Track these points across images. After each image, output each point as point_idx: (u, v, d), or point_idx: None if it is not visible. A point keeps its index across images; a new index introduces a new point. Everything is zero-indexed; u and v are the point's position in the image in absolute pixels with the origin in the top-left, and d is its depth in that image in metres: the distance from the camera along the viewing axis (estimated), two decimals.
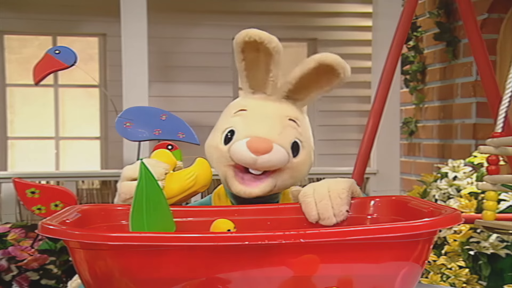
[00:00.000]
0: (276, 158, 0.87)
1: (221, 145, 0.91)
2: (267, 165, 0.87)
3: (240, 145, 0.87)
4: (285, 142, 0.89)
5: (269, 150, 0.86)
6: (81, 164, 4.11)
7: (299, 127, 0.92)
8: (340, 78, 0.89)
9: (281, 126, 0.90)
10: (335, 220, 0.84)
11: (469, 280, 1.47)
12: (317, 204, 0.85)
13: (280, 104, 0.93)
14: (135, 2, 2.70)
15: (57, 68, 1.14)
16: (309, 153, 0.94)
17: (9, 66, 3.88)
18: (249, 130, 0.89)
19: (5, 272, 1.65)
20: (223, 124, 0.94)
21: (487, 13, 2.68)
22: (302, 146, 0.92)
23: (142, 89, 2.72)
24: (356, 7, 3.96)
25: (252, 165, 0.87)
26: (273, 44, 0.88)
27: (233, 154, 0.88)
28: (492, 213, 1.10)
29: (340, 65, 0.87)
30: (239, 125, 0.91)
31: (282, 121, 0.90)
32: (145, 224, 0.73)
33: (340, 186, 0.86)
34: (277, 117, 0.91)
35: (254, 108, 0.92)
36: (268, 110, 0.91)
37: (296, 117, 0.92)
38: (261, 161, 0.86)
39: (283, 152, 0.88)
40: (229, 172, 0.90)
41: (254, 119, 0.91)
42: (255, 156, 0.86)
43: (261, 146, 0.86)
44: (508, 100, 1.16)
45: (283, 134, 0.89)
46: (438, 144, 3.09)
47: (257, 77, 0.93)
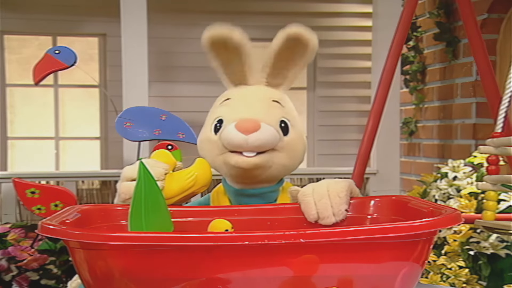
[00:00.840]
0: (266, 136, 0.88)
1: (212, 135, 0.93)
2: (258, 143, 0.88)
3: (229, 128, 0.89)
4: (272, 121, 0.91)
5: (257, 128, 0.87)
6: (81, 164, 4.11)
7: (284, 107, 0.94)
8: (310, 48, 0.91)
9: (266, 107, 0.92)
10: (334, 219, 0.84)
11: (469, 280, 1.47)
12: (316, 203, 0.85)
13: (263, 89, 0.95)
14: (135, 2, 2.70)
15: (57, 68, 1.14)
16: (299, 133, 0.95)
17: (9, 66, 3.88)
18: (236, 114, 0.91)
19: (5, 272, 1.65)
20: (210, 116, 0.96)
21: (487, 13, 2.68)
22: (291, 125, 0.94)
23: (142, 89, 2.72)
24: (356, 7, 3.96)
25: (244, 145, 0.88)
26: (236, 37, 0.90)
27: (224, 139, 0.89)
28: (492, 213, 1.10)
29: (305, 34, 0.90)
30: (226, 113, 0.93)
31: (266, 102, 0.93)
32: (144, 224, 0.73)
33: (339, 185, 0.86)
34: (261, 100, 0.93)
35: (238, 96, 0.95)
36: (251, 95, 0.94)
37: (279, 98, 0.95)
38: (252, 139, 0.87)
39: (272, 130, 0.90)
40: (226, 155, 0.91)
41: (239, 104, 0.93)
42: (245, 136, 0.87)
43: (249, 125, 0.87)
44: (508, 100, 1.16)
45: (269, 113, 0.91)
46: (438, 144, 3.09)
47: (234, 71, 0.95)
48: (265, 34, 4.54)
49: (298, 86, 3.85)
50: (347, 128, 4.02)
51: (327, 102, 3.97)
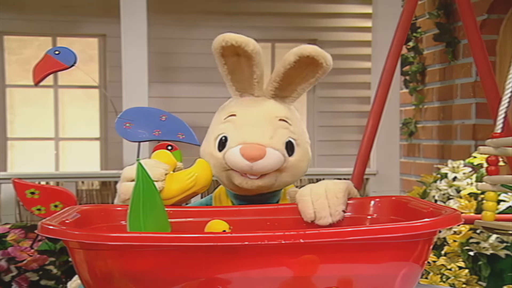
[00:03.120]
0: (270, 163, 0.87)
1: (215, 152, 0.91)
2: (262, 170, 0.88)
3: (234, 153, 0.87)
4: (278, 144, 0.89)
5: (263, 156, 0.86)
6: (80, 165, 4.11)
7: (290, 125, 0.92)
8: (323, 68, 0.89)
9: (272, 129, 0.89)
10: (331, 219, 0.84)
11: (469, 281, 1.47)
12: (313, 203, 0.85)
13: (269, 105, 0.92)
14: (135, 3, 2.70)
15: (57, 68, 1.14)
16: (305, 149, 0.94)
17: (8, 67, 3.88)
18: (241, 136, 0.89)
19: (5, 273, 1.65)
20: (214, 130, 0.93)
21: (487, 14, 2.68)
22: (297, 144, 0.92)
23: (142, 90, 2.72)
24: (356, 8, 3.97)
25: (248, 171, 0.88)
26: (251, 47, 0.87)
27: (228, 161, 0.89)
28: (492, 214, 1.10)
29: (320, 55, 0.87)
30: (230, 132, 0.90)
31: (272, 123, 0.90)
32: (142, 225, 0.73)
33: (337, 186, 0.86)
34: (267, 120, 0.90)
35: (243, 113, 0.92)
36: (257, 113, 0.91)
37: (286, 116, 0.92)
38: (257, 167, 0.87)
39: (277, 155, 0.88)
40: (231, 173, 0.90)
41: (244, 124, 0.90)
42: (250, 163, 0.86)
43: (255, 153, 0.86)
44: (507, 101, 1.16)
45: (275, 136, 0.89)
46: (437, 145, 3.09)
47: (241, 80, 0.92)
48: (265, 35, 4.58)
49: None
50: (347, 128, 4.02)
51: (327, 103, 3.97)
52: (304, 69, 0.89)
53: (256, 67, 0.89)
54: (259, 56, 0.88)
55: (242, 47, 0.87)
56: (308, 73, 0.90)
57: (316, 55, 0.87)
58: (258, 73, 0.90)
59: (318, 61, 0.87)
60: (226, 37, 0.87)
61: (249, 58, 0.88)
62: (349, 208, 0.87)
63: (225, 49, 0.88)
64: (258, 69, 0.90)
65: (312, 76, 0.90)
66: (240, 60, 0.90)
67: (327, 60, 0.88)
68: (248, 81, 0.92)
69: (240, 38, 0.87)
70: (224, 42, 0.87)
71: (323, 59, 0.87)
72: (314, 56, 0.87)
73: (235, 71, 0.92)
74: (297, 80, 0.91)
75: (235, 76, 0.92)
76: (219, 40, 0.87)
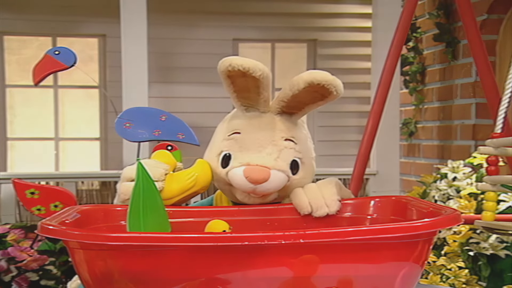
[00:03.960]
0: (274, 185, 0.87)
1: (218, 168, 0.90)
2: (265, 192, 0.87)
3: (238, 174, 0.86)
4: (283, 165, 0.87)
5: (267, 179, 0.85)
6: (80, 165, 4.11)
7: (296, 145, 0.90)
8: (333, 95, 0.84)
9: (277, 151, 0.87)
10: (327, 209, 0.84)
11: (469, 281, 1.47)
12: (307, 195, 0.86)
13: (275, 123, 0.89)
14: (135, 3, 2.70)
15: (57, 68, 1.14)
16: (309, 166, 0.92)
17: (8, 67, 3.88)
18: (245, 157, 0.87)
19: (5, 273, 1.65)
20: (218, 146, 0.91)
21: (487, 14, 2.68)
22: (302, 162, 0.90)
23: (142, 90, 2.72)
24: (356, 8, 3.97)
25: (252, 192, 0.87)
26: (259, 72, 0.82)
27: (232, 181, 0.88)
28: (492, 214, 1.10)
29: (331, 83, 0.83)
30: (234, 150, 0.88)
31: (278, 144, 0.88)
32: (142, 225, 0.73)
33: (327, 180, 0.88)
34: (272, 141, 0.88)
35: (247, 131, 0.89)
36: (262, 133, 0.88)
37: (292, 136, 0.89)
38: (260, 189, 0.86)
39: (281, 176, 0.87)
40: (232, 188, 0.90)
41: (249, 144, 0.88)
42: (253, 186, 0.85)
43: (259, 176, 0.85)
44: (507, 101, 1.16)
45: (280, 158, 0.87)
46: (437, 145, 3.09)
47: (248, 97, 0.89)
48: (265, 35, 4.58)
49: None
50: (347, 128, 4.03)
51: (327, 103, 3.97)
52: (314, 93, 0.86)
53: (263, 89, 0.86)
54: (267, 80, 0.84)
55: (249, 73, 0.82)
56: (317, 97, 0.87)
57: (327, 84, 0.82)
58: (265, 94, 0.87)
59: (329, 89, 0.83)
60: (233, 62, 0.82)
61: (256, 81, 0.84)
62: (349, 208, 0.88)
63: (231, 73, 0.84)
64: (265, 91, 0.87)
65: (320, 99, 0.87)
66: (247, 81, 0.85)
67: (338, 89, 0.83)
68: (255, 99, 0.89)
69: (247, 64, 0.82)
70: (230, 67, 0.82)
71: (334, 88, 0.83)
72: (325, 85, 0.83)
73: (242, 90, 0.88)
74: (306, 102, 0.89)
75: (241, 94, 0.89)
76: (225, 64, 0.82)
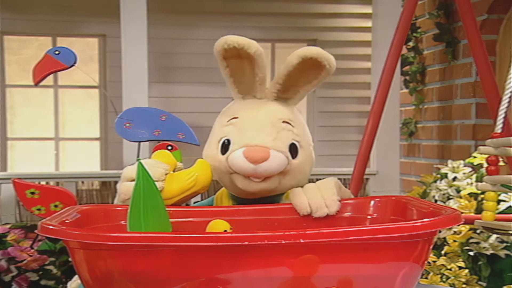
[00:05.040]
0: (274, 165, 0.87)
1: (218, 155, 0.91)
2: (266, 173, 0.87)
3: (238, 156, 0.87)
4: (282, 146, 0.88)
5: (266, 158, 0.86)
6: (80, 165, 4.11)
7: (294, 128, 0.91)
8: (326, 70, 0.88)
9: (275, 131, 0.89)
10: (327, 209, 0.84)
11: (469, 281, 1.47)
12: (307, 195, 0.86)
13: (272, 107, 0.92)
14: (135, 3, 2.70)
15: (57, 68, 1.14)
16: (308, 152, 0.93)
17: (8, 67, 3.88)
18: (244, 139, 0.88)
19: (5, 273, 1.65)
20: (217, 133, 0.93)
21: (487, 14, 2.68)
22: (300, 146, 0.91)
23: (142, 90, 2.72)
24: (356, 8, 3.97)
25: (252, 174, 0.87)
26: (253, 49, 0.86)
27: (232, 164, 0.88)
28: (492, 214, 1.10)
29: (323, 57, 0.87)
30: (233, 135, 0.90)
31: (275, 125, 0.89)
32: (142, 225, 0.73)
33: (326, 180, 0.88)
34: (270, 122, 0.89)
35: (245, 115, 0.91)
36: (260, 116, 0.90)
37: (289, 119, 0.91)
38: (260, 169, 0.86)
39: (281, 157, 0.88)
40: (234, 177, 0.90)
41: (247, 127, 0.89)
42: (254, 166, 0.86)
43: (258, 155, 0.85)
44: (507, 101, 1.16)
45: (278, 138, 0.88)
46: (437, 145, 3.09)
47: (243, 82, 0.92)
48: (265, 35, 4.58)
49: None
50: (347, 128, 4.03)
51: (327, 103, 3.97)
52: (307, 71, 0.89)
53: (258, 69, 0.89)
54: (261, 58, 0.88)
55: (244, 50, 0.86)
56: (311, 75, 0.90)
57: (319, 57, 0.86)
58: (260, 75, 0.90)
59: (321, 63, 0.87)
60: (228, 39, 0.86)
61: (251, 60, 0.88)
62: (349, 208, 0.88)
63: (227, 52, 0.87)
64: (260, 71, 0.89)
65: (315, 78, 0.90)
66: (243, 62, 0.89)
67: (331, 62, 0.87)
68: (251, 83, 0.91)
69: (242, 40, 0.86)
70: (226, 44, 0.86)
71: (326, 61, 0.87)
72: (317, 58, 0.86)
73: (237, 73, 0.91)
74: (300, 82, 0.91)
75: (237, 78, 0.92)
76: (221, 42, 0.86)
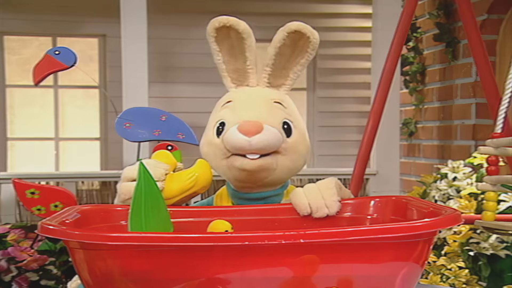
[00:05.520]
0: (268, 137, 0.88)
1: (214, 139, 0.92)
2: (261, 144, 0.87)
3: (232, 131, 0.88)
4: (275, 122, 0.90)
5: (260, 130, 0.87)
6: (80, 165, 4.11)
7: (286, 108, 0.94)
8: (311, 43, 0.91)
9: (268, 108, 0.92)
10: (327, 210, 0.85)
11: (469, 281, 1.47)
12: (307, 196, 0.86)
13: (264, 91, 0.95)
14: (135, 3, 2.70)
15: (57, 68, 1.14)
16: (302, 133, 0.95)
17: (8, 67, 3.88)
18: (238, 117, 0.90)
19: (5, 273, 1.65)
20: (212, 119, 0.95)
21: (487, 14, 2.68)
22: (294, 126, 0.93)
23: (142, 90, 2.72)
24: (356, 8, 3.96)
25: (247, 147, 0.87)
26: (242, 27, 0.92)
27: (227, 142, 0.89)
28: (492, 214, 1.10)
29: (306, 28, 0.91)
30: (227, 116, 0.92)
31: (268, 104, 0.92)
32: (144, 225, 0.73)
33: (326, 180, 0.88)
34: (263, 101, 0.93)
35: (239, 98, 0.94)
36: (253, 97, 0.94)
37: (281, 100, 0.94)
38: (255, 141, 0.87)
39: (274, 131, 0.89)
40: (230, 159, 0.90)
41: (241, 107, 0.92)
42: (248, 138, 0.86)
43: (251, 127, 0.87)
44: (507, 101, 1.16)
45: (271, 115, 0.91)
46: (437, 145, 3.09)
47: (236, 69, 0.95)
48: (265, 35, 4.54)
49: (298, 87, 3.85)
50: (347, 129, 4.02)
51: (327, 103, 3.97)
52: (293, 48, 0.92)
53: (248, 52, 0.93)
54: (250, 39, 0.92)
55: (233, 27, 0.91)
56: (299, 53, 0.93)
57: (302, 29, 0.91)
58: (251, 58, 0.93)
59: (305, 34, 0.91)
60: (218, 18, 0.92)
61: (240, 40, 0.92)
62: (349, 208, 0.88)
63: (218, 32, 0.92)
64: (250, 54, 0.93)
65: (302, 56, 0.93)
66: (233, 46, 0.93)
67: (314, 34, 0.92)
68: (243, 69, 0.94)
69: (231, 19, 0.92)
70: (217, 22, 0.92)
71: (310, 32, 0.91)
72: (301, 30, 0.91)
73: (230, 58, 0.95)
74: (289, 63, 0.94)
75: (229, 65, 0.95)
76: (211, 23, 0.93)
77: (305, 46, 0.92)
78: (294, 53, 0.93)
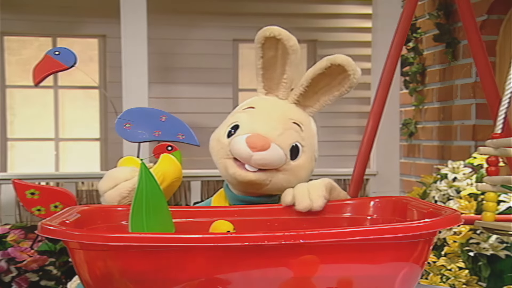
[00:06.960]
0: (271, 157, 0.88)
1: (223, 138, 0.94)
2: (261, 162, 0.88)
3: (240, 139, 0.89)
4: (284, 144, 0.90)
5: (265, 148, 0.87)
6: (80, 165, 4.11)
7: (302, 131, 0.93)
8: (350, 80, 0.90)
9: (283, 128, 0.91)
10: (309, 202, 0.85)
11: (469, 281, 1.47)
12: (294, 190, 0.87)
13: (288, 107, 0.95)
14: (135, 4, 2.70)
15: (57, 69, 1.14)
16: (310, 159, 0.94)
17: (8, 67, 3.88)
18: (251, 126, 0.91)
19: (5, 273, 1.65)
20: (230, 118, 0.96)
21: (487, 15, 2.68)
22: (303, 150, 0.93)
23: (142, 90, 2.72)
24: (356, 8, 3.96)
25: (247, 159, 0.88)
26: (291, 42, 0.91)
27: (232, 147, 0.90)
28: (492, 214, 1.10)
29: (350, 66, 0.89)
30: (243, 121, 0.93)
31: (285, 123, 0.92)
32: (145, 225, 0.73)
33: (318, 180, 0.89)
34: (281, 118, 0.92)
35: (262, 107, 0.94)
36: (274, 111, 0.93)
37: (301, 122, 0.94)
38: (256, 157, 0.88)
39: (279, 152, 0.89)
40: (228, 162, 0.91)
41: (259, 117, 0.92)
42: (251, 152, 0.87)
43: (259, 142, 0.87)
44: (507, 101, 1.16)
45: (283, 135, 0.90)
46: (437, 146, 3.09)
47: (272, 77, 0.96)
48: None
49: None
50: (347, 129, 4.02)
51: None
52: (332, 78, 0.91)
53: (289, 66, 0.93)
54: (295, 55, 0.92)
55: (282, 41, 0.91)
56: (335, 83, 0.92)
57: (347, 65, 0.89)
58: (289, 73, 0.94)
59: (347, 72, 0.89)
60: (271, 28, 0.92)
61: (286, 54, 0.92)
62: (349, 208, 0.88)
63: (267, 41, 0.92)
64: (290, 69, 0.93)
65: (337, 89, 0.92)
66: (277, 56, 0.93)
67: (356, 73, 0.90)
68: (278, 80, 0.95)
69: (284, 32, 0.92)
70: (268, 32, 0.91)
71: (353, 71, 0.89)
72: (345, 66, 0.89)
73: (269, 67, 0.95)
74: (323, 89, 0.94)
75: (267, 72, 0.96)
76: (263, 30, 0.92)
77: (344, 81, 0.91)
78: (331, 84, 0.93)
